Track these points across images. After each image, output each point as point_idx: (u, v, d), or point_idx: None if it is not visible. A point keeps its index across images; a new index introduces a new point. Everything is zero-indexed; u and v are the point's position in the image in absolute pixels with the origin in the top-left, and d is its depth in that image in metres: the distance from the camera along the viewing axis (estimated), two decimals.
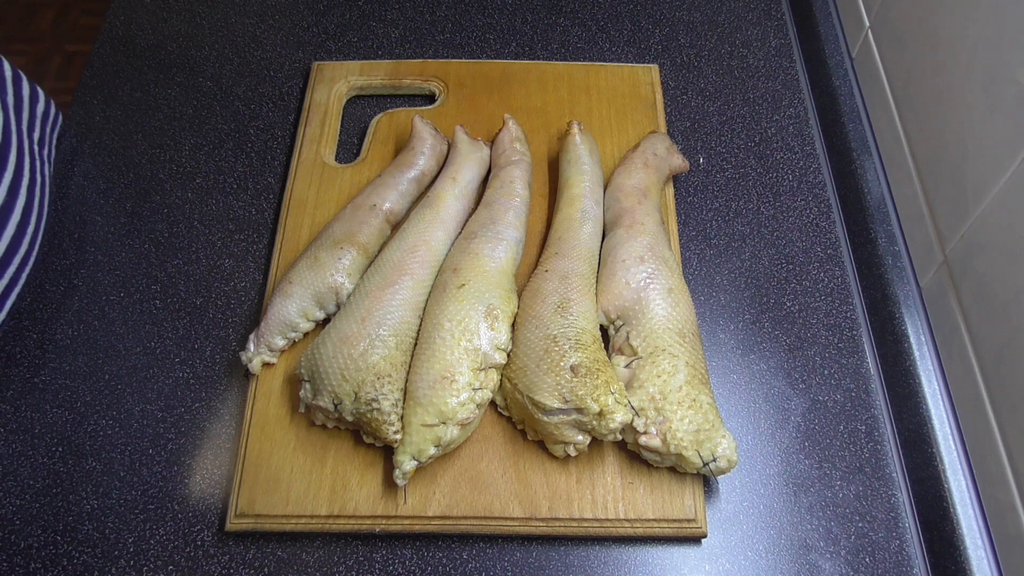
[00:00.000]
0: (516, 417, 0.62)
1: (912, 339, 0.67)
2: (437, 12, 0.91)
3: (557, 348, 0.59)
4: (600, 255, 0.68)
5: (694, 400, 0.59)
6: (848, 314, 0.71)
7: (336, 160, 0.78)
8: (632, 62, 0.86)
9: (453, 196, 0.70)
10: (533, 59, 0.86)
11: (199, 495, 0.61)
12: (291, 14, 0.91)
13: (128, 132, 0.81)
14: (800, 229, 0.76)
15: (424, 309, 0.64)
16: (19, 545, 0.59)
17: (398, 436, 0.58)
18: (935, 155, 0.68)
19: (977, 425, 0.61)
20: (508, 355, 0.62)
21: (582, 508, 0.59)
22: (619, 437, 0.58)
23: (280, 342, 0.64)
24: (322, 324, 0.66)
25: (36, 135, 0.73)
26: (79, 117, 0.81)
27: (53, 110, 0.77)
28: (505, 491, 0.60)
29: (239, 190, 0.77)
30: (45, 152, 0.74)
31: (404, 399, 0.59)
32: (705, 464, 0.57)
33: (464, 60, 0.85)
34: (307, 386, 0.61)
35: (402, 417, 0.58)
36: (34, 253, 0.70)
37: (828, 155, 0.82)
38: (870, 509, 0.62)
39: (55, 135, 0.77)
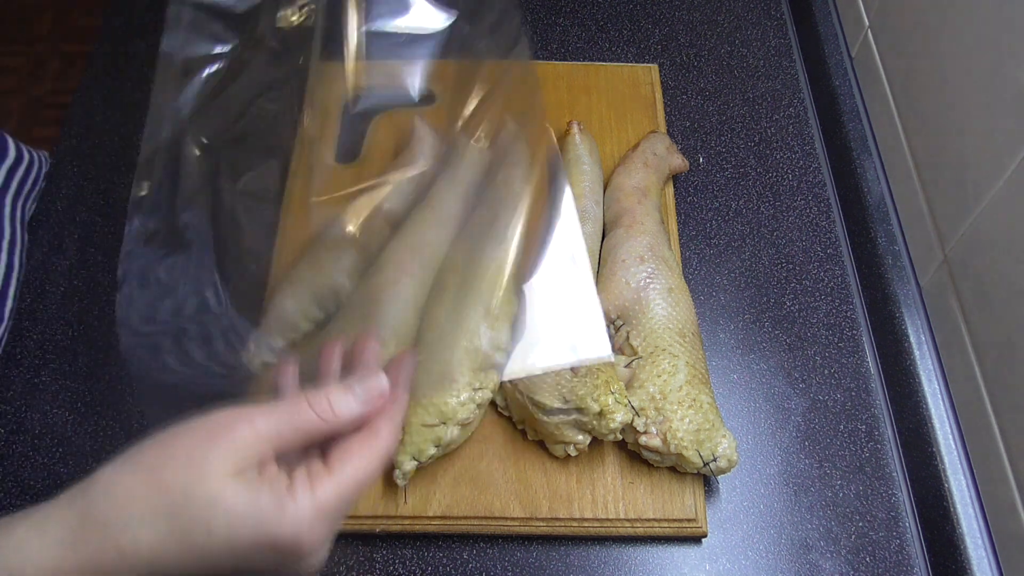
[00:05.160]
0: (516, 417, 0.62)
1: (912, 339, 0.67)
2: None
3: None
4: (600, 255, 0.68)
5: (694, 400, 0.59)
6: (848, 314, 0.71)
7: (336, 160, 0.78)
8: (632, 62, 0.86)
9: (453, 196, 0.70)
10: (533, 59, 0.86)
11: None
12: None
13: (128, 132, 0.81)
14: (800, 229, 0.76)
15: (424, 309, 0.64)
16: None
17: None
18: (935, 155, 0.68)
19: (977, 425, 0.61)
20: (508, 355, 0.62)
21: (582, 508, 0.59)
22: (619, 437, 0.58)
23: (280, 342, 0.64)
24: (322, 324, 0.66)
25: (21, 200, 0.73)
26: (79, 117, 0.81)
27: (36, 164, 0.76)
28: (505, 491, 0.60)
29: None
30: (24, 207, 0.74)
31: None
32: (705, 464, 0.57)
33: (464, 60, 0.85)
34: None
35: None
36: (6, 312, 0.69)
37: (828, 155, 0.82)
38: (870, 508, 0.62)
39: (38, 185, 0.77)
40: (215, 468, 0.33)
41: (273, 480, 0.34)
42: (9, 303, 0.68)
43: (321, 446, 0.38)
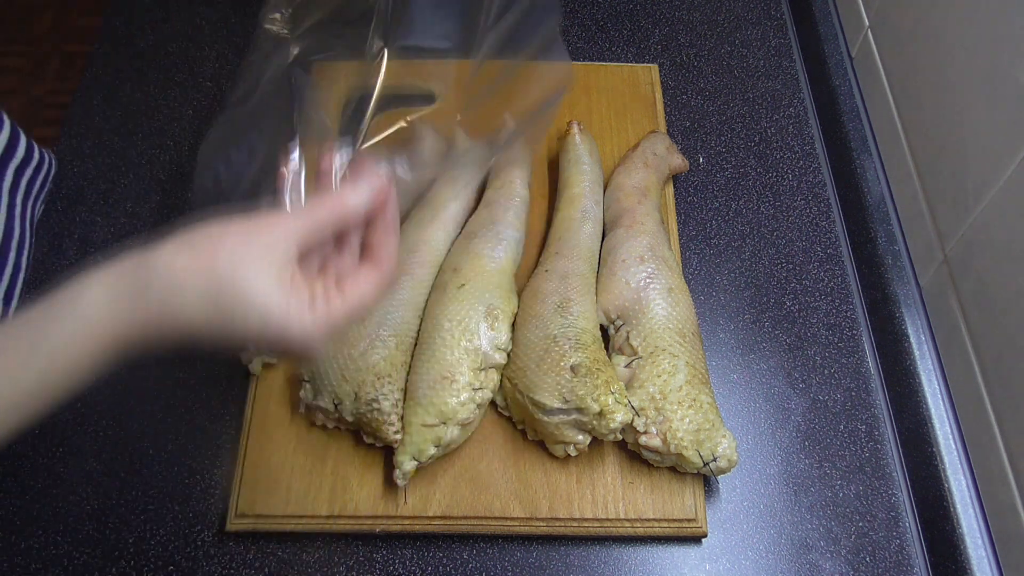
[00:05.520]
0: (516, 417, 0.62)
1: (912, 339, 0.67)
2: None
3: (557, 348, 0.59)
4: (600, 255, 0.68)
5: (694, 400, 0.59)
6: (848, 314, 0.71)
7: None
8: (632, 62, 0.86)
9: (453, 196, 0.70)
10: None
11: (199, 495, 0.61)
12: None
13: (128, 132, 0.81)
14: (800, 229, 0.76)
15: (424, 309, 0.64)
16: (20, 545, 0.59)
17: (398, 436, 0.58)
18: (935, 155, 0.68)
19: (977, 425, 0.61)
20: (508, 355, 0.62)
21: (582, 508, 0.59)
22: (619, 437, 0.58)
23: None
24: None
25: (31, 200, 0.73)
26: (79, 117, 0.81)
27: (46, 164, 0.77)
28: (505, 491, 0.60)
29: None
30: (33, 207, 0.74)
31: (404, 399, 0.59)
32: (705, 464, 0.57)
33: (464, 60, 0.85)
34: (307, 386, 0.61)
35: (402, 417, 0.58)
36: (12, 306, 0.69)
37: (828, 155, 0.82)
38: (870, 508, 0.62)
39: (46, 186, 0.77)
40: (257, 266, 0.40)
41: (300, 290, 0.41)
42: (14, 304, 0.68)
43: (336, 277, 0.45)
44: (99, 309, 0.39)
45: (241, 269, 0.40)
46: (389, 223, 0.46)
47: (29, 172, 0.73)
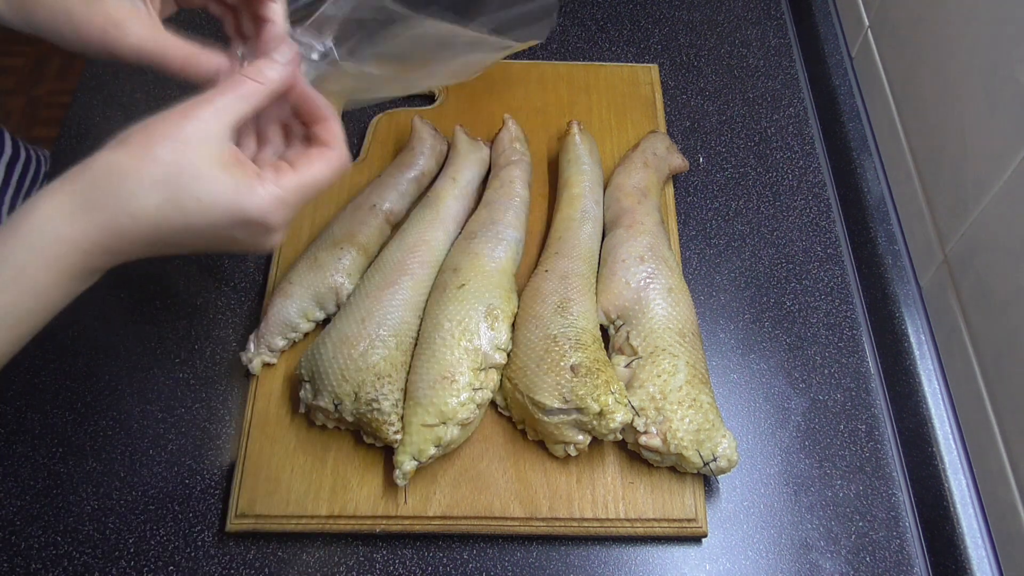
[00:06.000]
0: (516, 417, 0.62)
1: (912, 339, 0.67)
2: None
3: (557, 348, 0.59)
4: (600, 255, 0.68)
5: (694, 400, 0.59)
6: (848, 313, 0.71)
7: None
8: (632, 62, 0.86)
9: (453, 196, 0.70)
10: (533, 59, 0.86)
11: (199, 495, 0.61)
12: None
13: None
14: (800, 229, 0.76)
15: (424, 309, 0.64)
16: (19, 546, 0.59)
17: (398, 436, 0.58)
18: (935, 154, 0.68)
19: (977, 425, 0.61)
20: (508, 355, 0.62)
21: (582, 508, 0.59)
22: (619, 437, 0.58)
23: (280, 342, 0.64)
24: (322, 324, 0.66)
25: (20, 199, 0.73)
26: (79, 117, 0.81)
27: (35, 163, 0.77)
28: (505, 491, 0.60)
29: None
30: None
31: (404, 399, 0.59)
32: (705, 464, 0.57)
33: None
34: (307, 386, 0.61)
35: (402, 417, 0.58)
36: None
37: (828, 155, 0.82)
38: (870, 508, 0.62)
39: (37, 184, 0.77)
40: (197, 147, 0.41)
41: (245, 165, 0.42)
42: None
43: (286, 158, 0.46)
44: (54, 222, 0.39)
45: (180, 148, 0.40)
46: (323, 109, 0.48)
47: (19, 168, 0.72)
